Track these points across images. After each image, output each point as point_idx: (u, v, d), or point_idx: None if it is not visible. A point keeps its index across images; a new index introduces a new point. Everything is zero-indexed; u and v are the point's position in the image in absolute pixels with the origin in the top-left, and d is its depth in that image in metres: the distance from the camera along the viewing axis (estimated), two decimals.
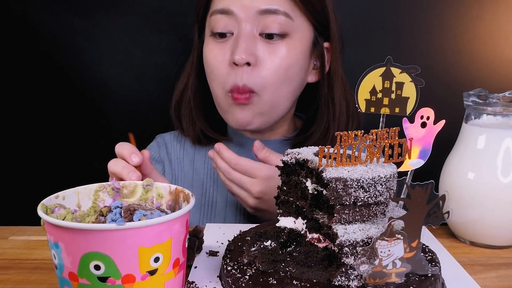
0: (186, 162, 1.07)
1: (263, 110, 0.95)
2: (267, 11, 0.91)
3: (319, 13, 0.96)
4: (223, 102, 0.96)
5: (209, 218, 1.03)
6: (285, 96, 0.97)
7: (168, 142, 1.09)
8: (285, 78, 0.94)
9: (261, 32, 0.92)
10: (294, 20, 0.93)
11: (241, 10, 0.91)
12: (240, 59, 0.89)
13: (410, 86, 0.65)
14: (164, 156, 1.08)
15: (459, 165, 0.80)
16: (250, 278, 0.58)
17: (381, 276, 0.53)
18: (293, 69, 0.94)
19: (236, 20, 0.92)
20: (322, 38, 1.00)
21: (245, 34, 0.91)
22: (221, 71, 0.94)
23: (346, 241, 0.56)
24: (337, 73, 1.00)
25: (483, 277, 0.68)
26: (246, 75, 0.91)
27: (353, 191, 0.56)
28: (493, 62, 1.23)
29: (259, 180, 0.86)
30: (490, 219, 0.77)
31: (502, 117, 0.78)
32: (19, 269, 0.70)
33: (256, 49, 0.91)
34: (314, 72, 1.02)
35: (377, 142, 0.59)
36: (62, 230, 0.48)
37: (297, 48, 0.94)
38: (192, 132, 1.04)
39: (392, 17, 1.23)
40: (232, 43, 0.92)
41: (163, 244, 0.50)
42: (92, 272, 0.48)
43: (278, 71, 0.93)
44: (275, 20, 0.91)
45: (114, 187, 0.62)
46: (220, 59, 0.94)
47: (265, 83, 0.92)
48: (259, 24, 0.91)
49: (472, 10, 1.21)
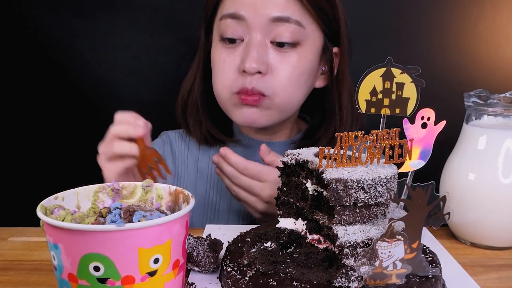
0: (190, 162, 1.07)
1: (272, 111, 0.94)
2: (279, 19, 0.89)
3: (330, 19, 0.95)
4: (227, 102, 0.95)
5: (212, 219, 1.03)
6: (296, 101, 0.96)
7: (173, 140, 1.09)
8: (296, 86, 0.94)
9: (272, 40, 0.90)
10: (306, 28, 0.91)
11: (252, 16, 0.89)
12: (251, 68, 0.88)
13: (410, 87, 0.65)
14: (168, 154, 1.07)
15: (460, 166, 0.80)
16: (250, 280, 0.58)
17: (382, 277, 0.53)
18: (304, 76, 0.94)
19: (247, 26, 0.90)
20: (331, 43, 0.99)
21: (256, 42, 0.89)
22: (229, 75, 0.93)
23: (346, 242, 0.55)
24: (345, 78, 1.00)
25: (484, 278, 0.67)
26: (255, 81, 0.90)
27: (354, 192, 0.56)
28: (494, 63, 1.22)
29: (268, 184, 0.84)
30: (491, 220, 0.77)
31: (503, 117, 0.78)
32: (18, 270, 0.70)
33: (267, 58, 0.90)
34: (322, 77, 1.01)
35: (378, 143, 0.59)
36: (61, 231, 0.48)
37: (308, 56, 0.93)
38: (199, 133, 1.03)
39: (393, 18, 1.23)
40: (242, 50, 0.91)
41: (163, 245, 0.50)
42: (91, 273, 0.48)
43: (289, 79, 0.92)
44: (287, 28, 0.89)
45: (114, 188, 0.62)
46: (228, 64, 0.92)
47: (276, 90, 0.91)
48: (270, 32, 0.90)
49: (472, 10, 1.20)
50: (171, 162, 1.07)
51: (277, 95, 0.92)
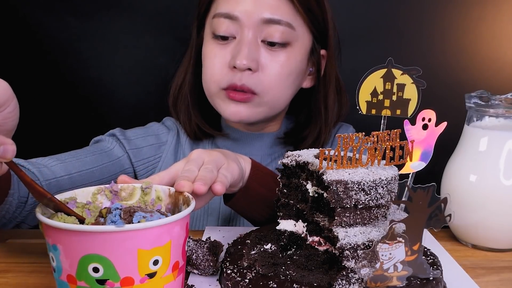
0: (188, 153, 1.07)
1: (260, 108, 0.96)
2: (270, 21, 0.92)
3: (319, 22, 0.98)
4: (215, 96, 0.97)
5: (212, 220, 1.02)
6: (284, 99, 0.99)
7: (180, 129, 1.10)
8: (285, 84, 0.96)
9: (263, 40, 0.93)
10: (296, 30, 0.94)
11: (245, 16, 0.92)
12: (242, 64, 0.91)
13: (411, 88, 0.64)
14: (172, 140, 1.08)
15: (461, 168, 0.80)
16: (250, 282, 0.58)
17: (382, 280, 0.53)
18: (292, 76, 0.97)
19: (239, 25, 0.93)
20: (319, 45, 1.02)
21: (248, 40, 0.92)
22: (218, 71, 0.95)
23: (347, 244, 0.55)
24: (331, 79, 1.03)
25: (485, 281, 0.67)
26: (245, 77, 0.92)
27: (354, 193, 0.56)
28: (495, 64, 1.22)
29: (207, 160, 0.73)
30: (492, 222, 0.76)
31: (505, 119, 0.77)
32: (17, 272, 0.69)
33: (258, 56, 0.93)
34: (309, 78, 1.04)
35: (378, 144, 0.58)
36: (60, 232, 0.48)
37: (297, 57, 0.97)
38: (189, 127, 1.05)
39: (394, 18, 1.23)
40: (234, 47, 0.93)
41: (163, 247, 0.50)
42: (90, 274, 0.48)
43: (278, 77, 0.95)
44: (278, 29, 0.92)
45: (112, 189, 0.61)
46: (219, 59, 0.95)
47: (266, 87, 0.94)
48: (262, 31, 0.93)
49: (474, 11, 1.20)
50: (174, 147, 1.07)
51: (266, 93, 0.94)
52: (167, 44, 1.23)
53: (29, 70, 1.23)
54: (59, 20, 1.22)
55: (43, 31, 1.22)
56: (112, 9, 1.22)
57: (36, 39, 1.22)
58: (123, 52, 1.24)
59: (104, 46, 1.24)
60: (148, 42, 1.24)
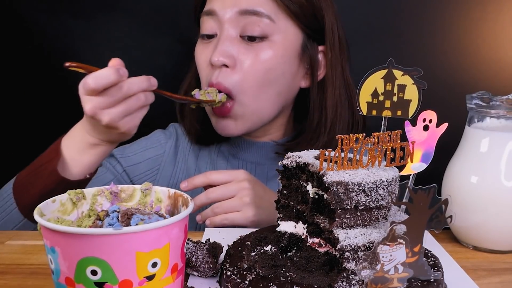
0: (191, 158, 1.08)
1: (245, 117, 0.94)
2: (247, 12, 0.90)
3: (307, 16, 0.94)
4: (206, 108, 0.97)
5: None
6: (268, 100, 0.95)
7: (180, 134, 1.10)
8: (265, 81, 0.93)
9: (242, 34, 0.92)
10: (276, 23, 0.91)
11: (222, 10, 0.91)
12: (217, 61, 0.90)
13: (412, 89, 0.64)
14: (172, 146, 1.08)
15: (462, 169, 0.79)
16: (250, 283, 0.57)
17: (383, 281, 0.53)
18: (273, 72, 0.93)
19: (219, 21, 0.92)
20: (315, 42, 0.97)
21: (225, 36, 0.91)
22: (204, 71, 0.95)
23: (347, 246, 0.55)
24: (332, 80, 0.97)
25: (486, 283, 0.67)
26: (222, 75, 0.91)
27: (355, 195, 0.56)
28: (496, 64, 1.22)
29: (242, 192, 0.84)
30: (494, 223, 0.76)
31: (506, 120, 0.77)
32: (16, 274, 0.69)
33: (235, 51, 0.91)
34: (307, 77, 1.00)
35: (379, 145, 0.58)
36: (58, 234, 0.47)
37: (279, 51, 0.93)
38: (194, 132, 1.05)
39: (394, 19, 1.23)
40: (214, 44, 0.93)
41: (161, 249, 0.50)
42: (88, 277, 0.48)
43: (256, 73, 0.92)
44: (256, 22, 0.90)
45: (112, 191, 0.61)
46: (203, 60, 0.95)
47: (243, 85, 0.92)
48: (240, 25, 0.91)
49: (475, 11, 1.20)
50: (173, 155, 1.07)
51: (244, 93, 0.92)
52: (167, 44, 1.23)
53: (30, 71, 1.23)
54: (60, 21, 1.22)
55: (44, 33, 1.22)
56: (112, 10, 1.22)
57: (36, 40, 1.22)
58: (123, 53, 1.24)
59: (104, 47, 1.23)
60: (148, 42, 1.24)
